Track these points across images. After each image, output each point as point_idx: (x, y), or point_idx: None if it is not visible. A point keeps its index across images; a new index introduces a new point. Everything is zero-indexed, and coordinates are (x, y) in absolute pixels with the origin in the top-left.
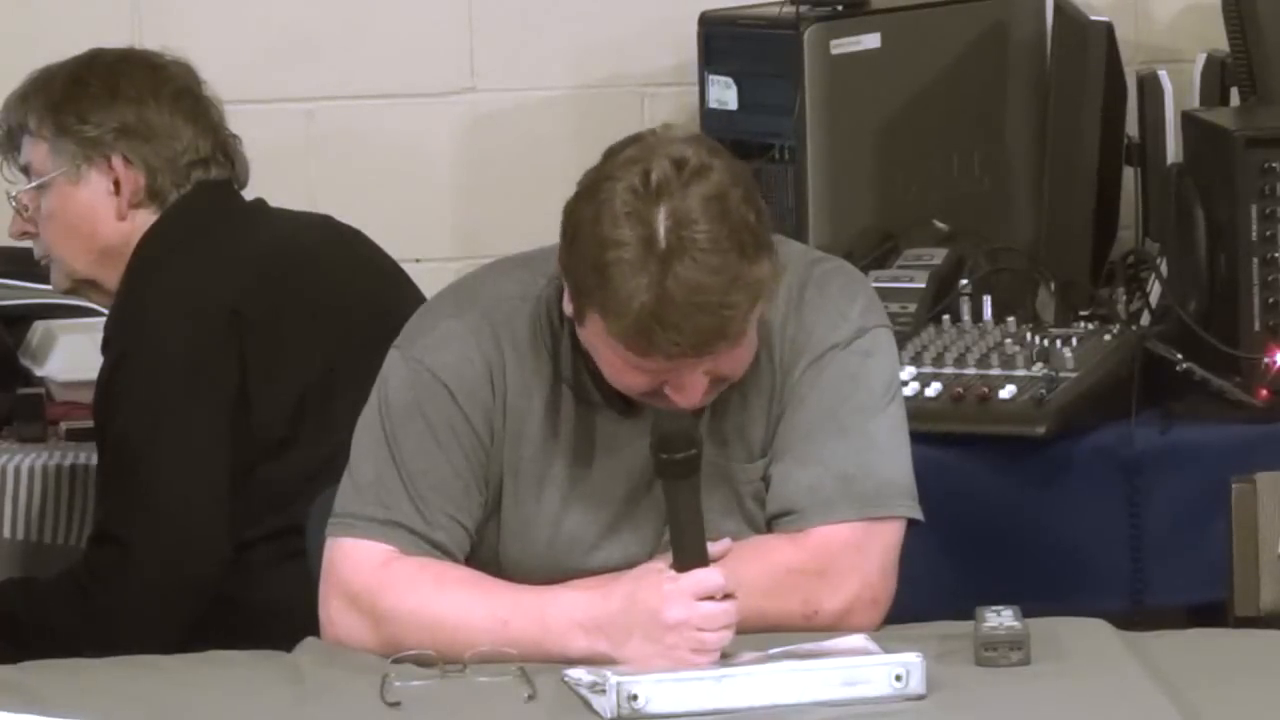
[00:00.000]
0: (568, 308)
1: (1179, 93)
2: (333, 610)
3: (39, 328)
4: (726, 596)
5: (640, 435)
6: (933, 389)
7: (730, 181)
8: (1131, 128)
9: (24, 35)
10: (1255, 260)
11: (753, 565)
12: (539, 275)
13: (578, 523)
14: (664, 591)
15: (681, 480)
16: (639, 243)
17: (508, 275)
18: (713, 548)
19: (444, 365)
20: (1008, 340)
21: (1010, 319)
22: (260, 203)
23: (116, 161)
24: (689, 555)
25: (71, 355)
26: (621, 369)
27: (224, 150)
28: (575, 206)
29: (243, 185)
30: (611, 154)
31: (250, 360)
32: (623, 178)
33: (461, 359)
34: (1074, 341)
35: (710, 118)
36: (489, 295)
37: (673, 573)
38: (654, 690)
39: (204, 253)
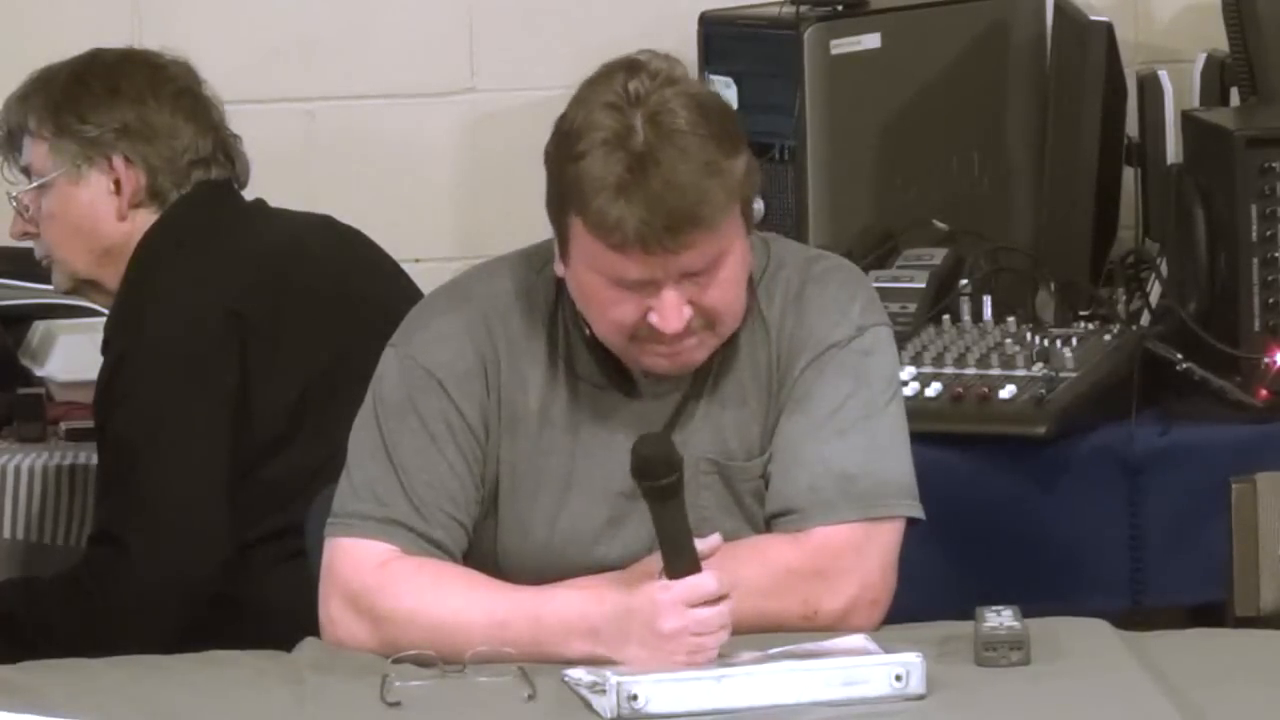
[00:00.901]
0: (558, 266)
1: (1179, 93)
2: (332, 610)
3: (39, 328)
4: (721, 599)
5: (639, 424)
6: (933, 389)
7: (706, 91)
8: (1131, 128)
9: (24, 35)
10: (1255, 260)
11: (752, 565)
12: (532, 269)
13: (575, 518)
14: (657, 601)
15: (666, 502)
16: (618, 127)
17: (502, 271)
18: (702, 545)
19: (438, 362)
20: (1008, 340)
21: (1010, 319)
22: (260, 203)
23: (117, 161)
24: (680, 564)
25: (71, 355)
26: (606, 297)
27: (224, 150)
28: (558, 119)
29: (243, 185)
30: (587, 80)
31: (250, 359)
32: (602, 84)
33: (456, 355)
34: (1074, 341)
35: None
36: (483, 291)
37: (665, 581)
38: (654, 690)
39: (204, 253)
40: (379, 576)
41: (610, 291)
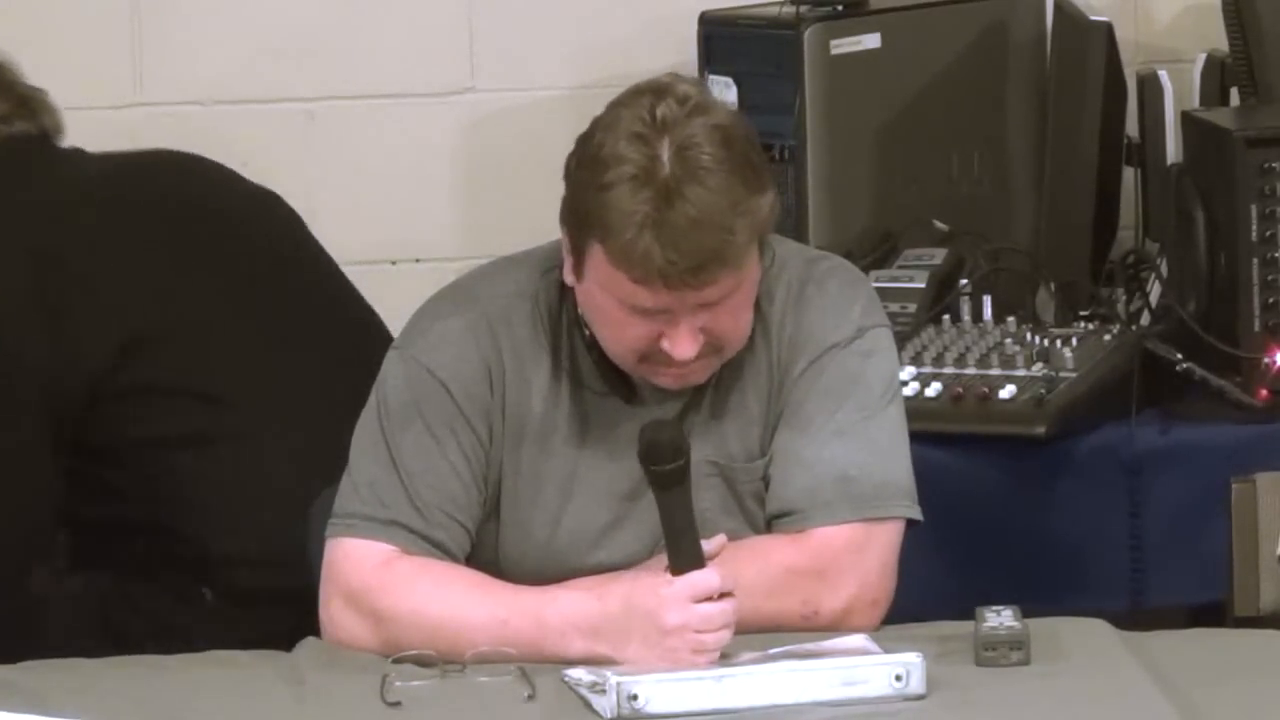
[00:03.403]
0: (567, 275)
1: (1179, 93)
2: (333, 610)
3: None
4: (724, 596)
5: (636, 435)
6: (933, 389)
7: (734, 120)
8: (1131, 128)
9: (24, 35)
10: (1255, 260)
11: (752, 565)
12: (537, 272)
13: (577, 520)
14: (660, 596)
15: (671, 489)
16: (644, 160)
17: (505, 273)
18: (707, 545)
19: (442, 364)
20: (1008, 340)
21: (1010, 319)
22: (78, 150)
23: None
24: (684, 558)
25: None
26: (621, 318)
27: (25, 105)
28: (582, 137)
29: (58, 133)
30: (616, 99)
31: (62, 300)
32: (631, 106)
33: (459, 358)
34: (1074, 341)
35: None
36: (487, 294)
37: (668, 576)
38: (654, 690)
39: (2, 198)
40: (380, 576)
41: (624, 315)
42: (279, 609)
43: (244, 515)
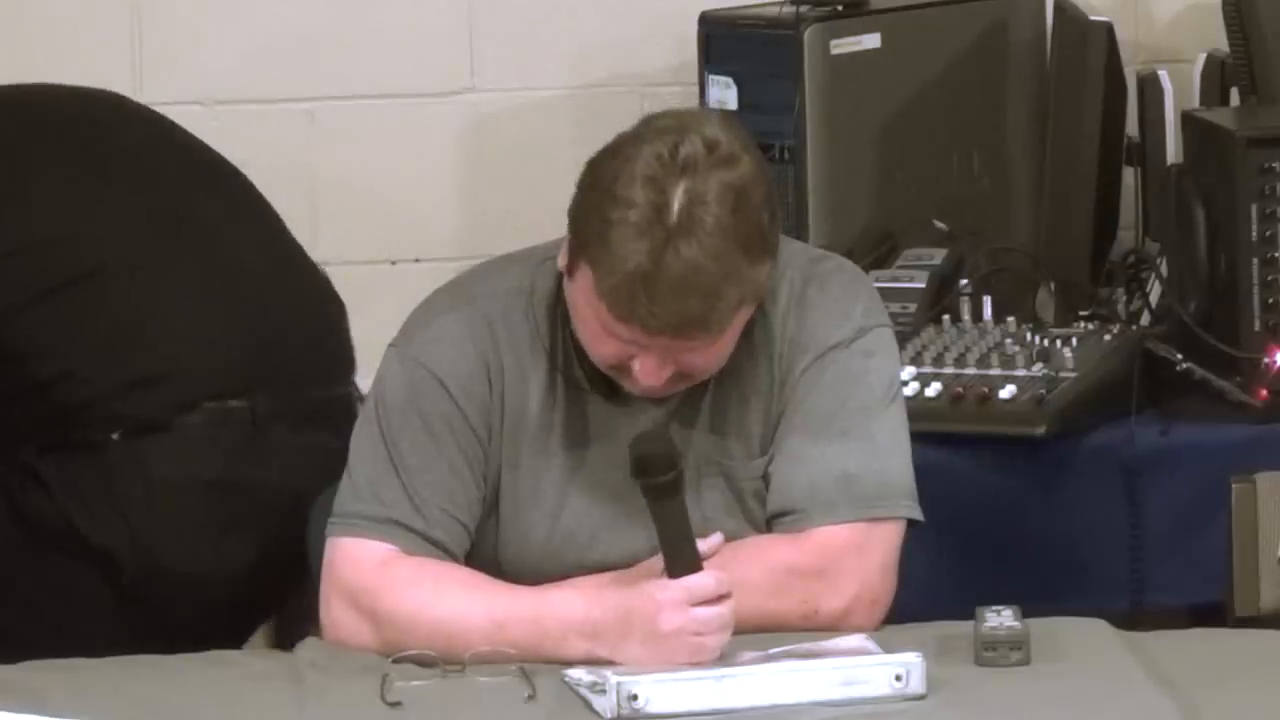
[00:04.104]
0: (561, 261)
1: (1179, 93)
2: (333, 610)
3: None
4: (721, 599)
5: (638, 426)
6: (933, 389)
7: (754, 178)
8: (1131, 128)
9: (24, 35)
10: (1255, 260)
11: (753, 565)
12: (534, 269)
13: (576, 517)
14: (657, 601)
15: (665, 501)
16: (650, 208)
17: (503, 271)
18: (703, 544)
19: (440, 362)
20: (1008, 340)
21: (1010, 319)
22: None
23: None
24: (681, 564)
25: None
26: (597, 332)
27: None
28: (599, 159)
29: None
30: (649, 121)
31: None
32: (653, 142)
33: (457, 356)
34: (1074, 341)
35: None
36: (484, 291)
37: (665, 580)
38: (654, 690)
39: None
40: (380, 576)
41: (600, 330)
42: (190, 437)
43: (138, 342)
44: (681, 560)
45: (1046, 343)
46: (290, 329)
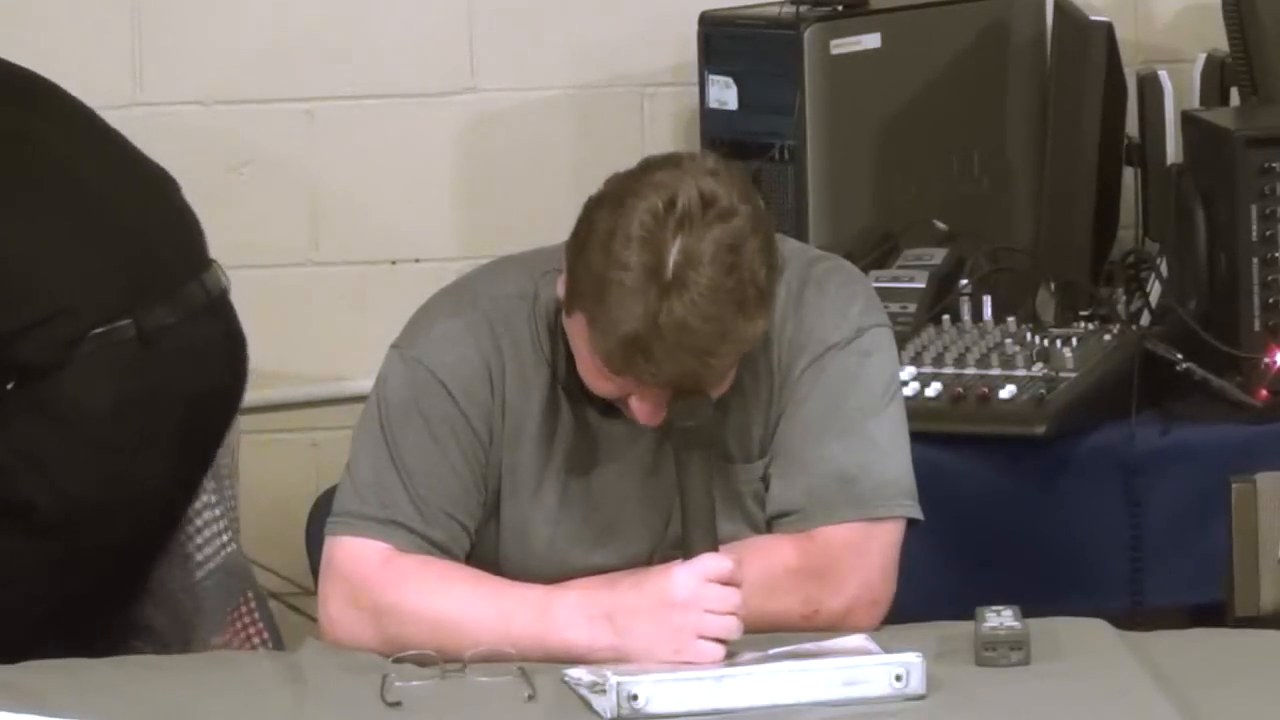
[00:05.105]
0: (559, 290)
1: (1179, 93)
2: (333, 609)
3: None
4: (732, 585)
5: (636, 435)
6: (933, 389)
7: (750, 230)
8: (1131, 128)
9: (24, 36)
10: (1255, 260)
11: (753, 565)
12: (537, 275)
13: (577, 522)
14: (672, 570)
15: (694, 451)
16: (644, 270)
17: (506, 274)
18: None
19: (442, 364)
20: (1008, 340)
21: (1010, 319)
22: None
23: None
24: (700, 538)
25: None
26: (594, 372)
27: None
28: (595, 210)
29: None
30: (646, 168)
31: None
32: (648, 197)
33: (460, 358)
34: (1074, 341)
35: (710, 118)
36: (488, 294)
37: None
38: (654, 690)
39: None
40: (381, 572)
41: (597, 372)
42: (83, 368)
43: (16, 291)
44: (700, 533)
45: (1046, 343)
46: (151, 232)
